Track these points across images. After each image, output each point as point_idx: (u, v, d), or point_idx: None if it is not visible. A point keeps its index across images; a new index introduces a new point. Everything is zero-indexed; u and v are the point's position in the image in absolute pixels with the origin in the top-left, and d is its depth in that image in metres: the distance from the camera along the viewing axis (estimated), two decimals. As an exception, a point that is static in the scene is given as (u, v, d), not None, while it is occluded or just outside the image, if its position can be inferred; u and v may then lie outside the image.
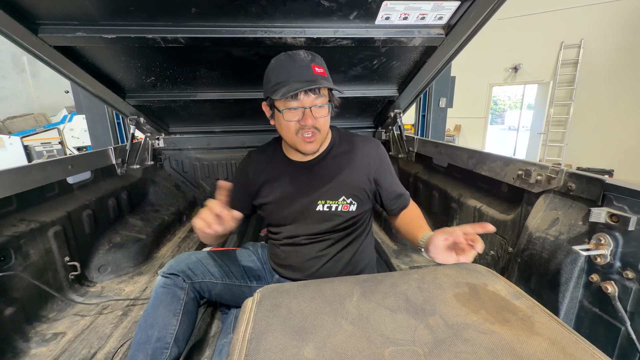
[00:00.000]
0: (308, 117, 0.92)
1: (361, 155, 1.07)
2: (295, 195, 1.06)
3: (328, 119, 0.99)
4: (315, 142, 0.98)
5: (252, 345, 0.51)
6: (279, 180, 1.09)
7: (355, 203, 1.06)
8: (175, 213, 2.20)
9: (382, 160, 1.09)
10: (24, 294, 1.16)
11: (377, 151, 1.10)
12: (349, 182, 1.05)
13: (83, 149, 5.83)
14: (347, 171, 1.06)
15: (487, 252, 1.31)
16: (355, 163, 1.06)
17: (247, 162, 1.16)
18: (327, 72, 0.97)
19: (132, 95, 1.66)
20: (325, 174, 1.06)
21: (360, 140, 1.12)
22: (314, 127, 0.94)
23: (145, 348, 0.86)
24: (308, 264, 1.09)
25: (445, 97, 3.08)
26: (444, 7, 1.07)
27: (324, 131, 0.98)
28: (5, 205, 1.18)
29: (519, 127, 9.28)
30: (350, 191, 1.05)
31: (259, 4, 1.01)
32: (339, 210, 1.05)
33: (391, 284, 0.67)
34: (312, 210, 1.05)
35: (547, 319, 0.56)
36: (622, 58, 5.87)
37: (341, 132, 1.14)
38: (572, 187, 0.89)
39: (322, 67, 0.95)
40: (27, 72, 7.31)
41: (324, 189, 1.05)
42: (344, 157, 1.07)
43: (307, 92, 0.90)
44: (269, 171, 1.11)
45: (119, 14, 1.04)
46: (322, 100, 0.94)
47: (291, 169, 1.09)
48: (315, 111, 0.93)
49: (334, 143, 1.10)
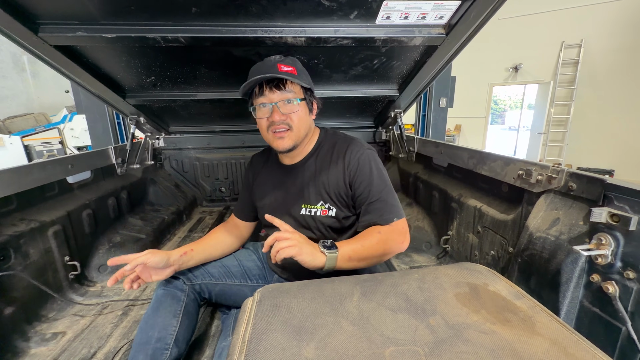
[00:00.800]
0: (275, 113, 0.94)
1: (338, 158, 1.02)
2: (283, 198, 1.07)
3: (301, 116, 0.97)
4: (287, 139, 0.97)
5: (252, 345, 0.51)
6: (270, 184, 1.10)
7: (333, 208, 1.02)
8: (175, 213, 2.19)
9: (360, 165, 0.99)
10: (24, 294, 1.15)
11: (356, 153, 1.00)
12: (327, 186, 1.02)
13: (83, 148, 5.84)
14: (325, 175, 1.02)
15: (488, 252, 1.31)
16: (333, 166, 1.02)
17: (249, 166, 1.19)
18: (298, 71, 0.97)
19: (132, 94, 1.66)
20: (307, 177, 1.05)
21: (342, 142, 1.05)
22: (285, 124, 0.95)
23: (146, 349, 0.86)
24: (301, 266, 1.08)
25: (445, 96, 3.08)
26: (445, 7, 1.07)
27: (297, 128, 0.97)
28: (5, 205, 1.18)
29: (520, 127, 9.27)
30: (327, 196, 1.02)
31: (260, 4, 1.01)
32: (318, 215, 1.03)
33: (392, 284, 0.67)
34: (298, 214, 1.05)
35: (548, 319, 0.55)
36: (623, 58, 5.87)
37: (329, 133, 1.11)
38: (572, 187, 0.89)
39: (292, 66, 0.96)
40: (28, 71, 7.31)
41: (306, 193, 1.04)
42: (325, 160, 1.05)
43: (272, 88, 0.92)
44: (263, 174, 1.13)
45: (120, 14, 1.04)
46: (290, 95, 0.95)
47: (281, 172, 1.10)
48: (282, 107, 0.94)
49: (319, 145, 1.08)
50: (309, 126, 1.04)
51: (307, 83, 1.00)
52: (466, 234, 1.48)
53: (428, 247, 1.78)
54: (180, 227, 2.21)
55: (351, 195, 1.01)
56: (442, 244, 1.65)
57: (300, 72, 0.99)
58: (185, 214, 2.34)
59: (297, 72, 0.97)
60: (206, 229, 2.15)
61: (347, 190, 1.01)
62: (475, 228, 1.40)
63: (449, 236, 1.61)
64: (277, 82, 0.94)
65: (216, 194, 2.62)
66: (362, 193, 0.98)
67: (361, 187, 0.98)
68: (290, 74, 0.94)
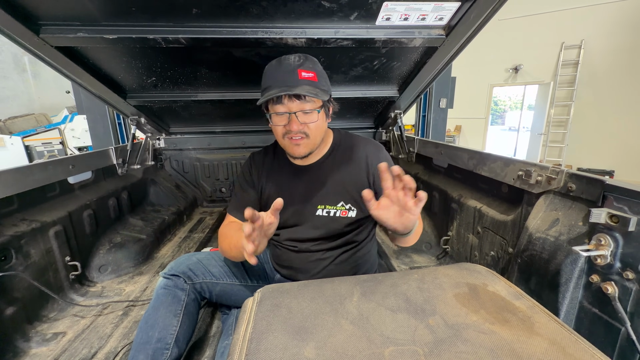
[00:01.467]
0: (293, 123, 0.91)
1: (361, 158, 1.04)
2: (295, 198, 1.05)
3: (319, 124, 0.96)
4: (303, 146, 0.96)
5: (252, 344, 0.51)
6: (280, 183, 1.09)
7: (354, 209, 1.03)
8: (175, 213, 2.20)
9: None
10: (25, 294, 1.16)
11: (377, 154, 1.05)
12: (348, 186, 1.02)
13: (84, 149, 5.84)
14: (347, 175, 1.03)
15: (488, 253, 1.31)
16: (355, 167, 1.03)
17: (251, 164, 1.16)
18: (318, 76, 0.94)
19: (133, 95, 1.67)
20: (324, 178, 1.04)
21: (361, 143, 1.07)
22: (302, 133, 0.93)
23: (146, 348, 0.87)
24: (308, 266, 1.08)
25: (445, 97, 3.09)
26: (445, 8, 1.07)
27: (313, 137, 0.96)
28: (6, 205, 1.18)
29: (520, 128, 9.26)
30: (349, 196, 1.02)
31: (260, 5, 1.02)
32: (337, 216, 1.03)
33: (391, 284, 0.67)
34: (312, 215, 1.04)
35: (547, 319, 0.56)
36: (623, 59, 5.87)
37: (342, 134, 1.12)
38: (572, 187, 0.89)
39: (312, 71, 0.93)
40: (29, 72, 7.32)
41: (323, 194, 1.03)
42: (344, 161, 1.04)
43: (291, 97, 0.89)
44: (271, 173, 1.11)
45: (121, 15, 1.04)
46: (310, 105, 0.92)
47: (292, 171, 1.08)
48: (301, 117, 0.91)
49: (335, 146, 1.07)
50: (325, 131, 1.03)
51: (327, 87, 0.98)
52: (466, 235, 1.48)
53: (428, 247, 1.78)
54: (181, 228, 2.22)
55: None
56: (442, 245, 1.66)
57: (320, 76, 0.96)
58: (185, 215, 2.35)
59: (318, 78, 0.94)
60: (206, 230, 2.15)
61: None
62: (475, 229, 1.40)
63: (449, 237, 1.61)
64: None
65: (217, 194, 2.62)
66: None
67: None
68: (311, 82, 0.91)
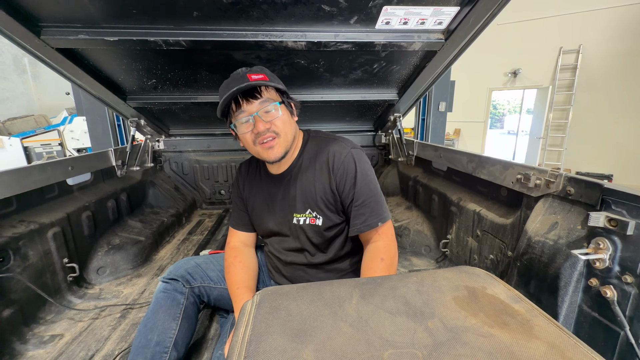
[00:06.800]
0: (258, 123, 0.89)
1: (324, 161, 0.97)
2: (276, 208, 1.05)
3: (285, 119, 0.93)
4: (277, 147, 0.93)
5: (251, 347, 0.51)
6: (259, 194, 1.08)
7: (320, 217, 0.99)
8: (174, 215, 2.19)
9: (346, 169, 0.95)
10: (22, 296, 1.15)
11: (340, 156, 0.96)
12: (310, 193, 0.98)
13: (83, 150, 5.84)
14: (310, 182, 0.98)
15: (487, 256, 1.31)
16: (319, 171, 0.98)
17: (238, 176, 1.15)
18: (268, 76, 0.93)
19: (133, 97, 1.67)
20: (293, 186, 1.01)
21: (327, 144, 1.00)
22: (271, 132, 0.91)
23: (145, 352, 0.86)
24: (297, 274, 1.08)
25: (444, 101, 3.10)
26: (444, 12, 1.08)
27: (284, 133, 0.93)
28: (4, 206, 1.18)
29: (518, 132, 9.30)
30: (312, 204, 0.99)
31: (260, 8, 1.02)
32: (307, 224, 1.00)
33: (390, 287, 0.67)
34: (290, 224, 1.03)
35: (546, 322, 0.56)
36: (621, 63, 5.91)
37: (311, 135, 1.06)
38: (571, 191, 0.90)
39: (261, 73, 0.92)
40: (28, 73, 7.33)
41: (294, 203, 1.01)
42: (310, 165, 1.00)
43: (248, 99, 0.89)
44: (252, 185, 1.11)
45: (121, 17, 1.05)
46: (268, 102, 0.91)
47: (271, 181, 1.07)
48: (264, 116, 0.90)
49: (303, 150, 1.03)
50: (295, 129, 1.00)
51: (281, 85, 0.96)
52: (465, 238, 1.48)
53: (427, 250, 1.78)
54: (180, 230, 2.21)
55: (339, 200, 0.98)
56: (442, 248, 1.65)
57: (271, 77, 0.95)
58: (184, 217, 2.34)
59: (268, 77, 0.93)
60: (205, 232, 2.14)
61: (335, 196, 0.97)
62: (475, 232, 1.40)
63: (448, 240, 1.61)
64: (252, 91, 0.90)
65: (216, 196, 2.62)
66: (347, 197, 0.96)
67: (346, 191, 0.96)
68: (262, 81, 0.90)
